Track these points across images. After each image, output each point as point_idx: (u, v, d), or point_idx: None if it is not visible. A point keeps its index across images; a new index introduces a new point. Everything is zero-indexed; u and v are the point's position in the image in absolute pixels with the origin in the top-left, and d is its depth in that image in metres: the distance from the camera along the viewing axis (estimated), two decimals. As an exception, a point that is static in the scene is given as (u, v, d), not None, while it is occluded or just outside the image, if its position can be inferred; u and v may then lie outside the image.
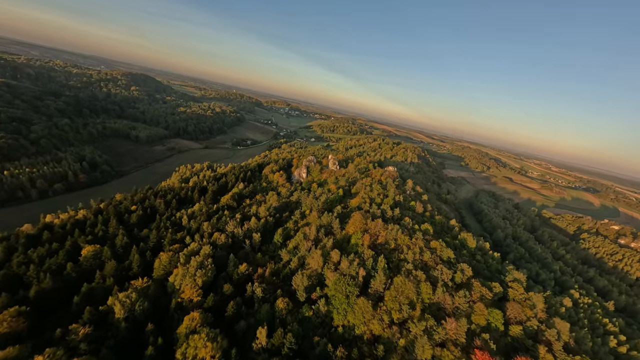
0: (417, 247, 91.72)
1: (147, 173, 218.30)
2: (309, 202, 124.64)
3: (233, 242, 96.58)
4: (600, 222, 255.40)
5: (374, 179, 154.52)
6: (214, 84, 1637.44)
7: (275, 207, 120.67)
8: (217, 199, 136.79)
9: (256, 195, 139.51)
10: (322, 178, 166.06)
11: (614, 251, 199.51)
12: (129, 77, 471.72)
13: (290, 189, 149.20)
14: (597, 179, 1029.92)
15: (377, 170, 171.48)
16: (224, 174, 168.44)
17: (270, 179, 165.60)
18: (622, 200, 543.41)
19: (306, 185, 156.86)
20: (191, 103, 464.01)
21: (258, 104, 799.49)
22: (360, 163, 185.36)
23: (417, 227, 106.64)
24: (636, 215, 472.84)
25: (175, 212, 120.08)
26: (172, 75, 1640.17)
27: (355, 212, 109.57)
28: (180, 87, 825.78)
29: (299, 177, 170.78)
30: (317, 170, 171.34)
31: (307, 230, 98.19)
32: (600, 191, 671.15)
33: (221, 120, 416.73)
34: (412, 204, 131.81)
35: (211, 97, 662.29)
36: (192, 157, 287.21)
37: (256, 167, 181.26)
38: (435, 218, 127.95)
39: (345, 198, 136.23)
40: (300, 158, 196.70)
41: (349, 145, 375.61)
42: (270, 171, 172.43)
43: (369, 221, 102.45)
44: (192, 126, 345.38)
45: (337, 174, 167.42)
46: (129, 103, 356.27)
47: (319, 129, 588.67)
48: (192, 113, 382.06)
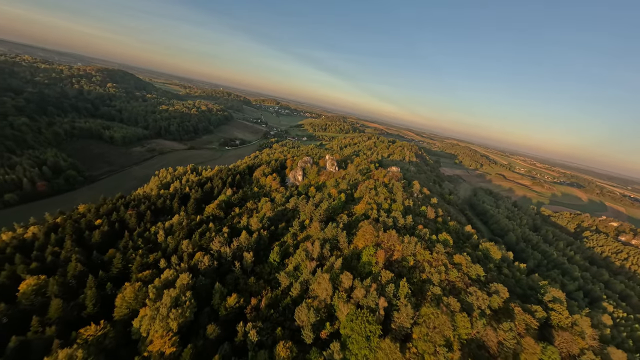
0: (440, 263, 77.72)
1: (123, 178, 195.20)
2: (307, 209, 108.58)
3: (219, 264, 79.26)
4: (599, 219, 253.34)
5: (378, 181, 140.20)
6: (201, 83, 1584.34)
7: (270, 217, 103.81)
8: (201, 208, 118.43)
9: (247, 203, 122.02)
10: (320, 181, 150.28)
11: (618, 249, 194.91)
12: (104, 74, 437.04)
13: (285, 194, 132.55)
14: (578, 173, 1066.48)
15: (380, 171, 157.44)
16: (210, 178, 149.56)
17: (262, 183, 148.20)
18: (607, 194, 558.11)
19: (303, 189, 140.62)
20: (174, 101, 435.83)
21: (246, 103, 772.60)
22: (361, 163, 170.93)
23: (435, 238, 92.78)
24: (621, 209, 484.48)
25: (149, 226, 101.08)
26: (155, 73, 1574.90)
27: (363, 222, 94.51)
28: (163, 85, 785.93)
29: (295, 181, 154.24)
30: (314, 172, 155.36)
31: (309, 247, 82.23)
32: (584, 186, 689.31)
33: (207, 119, 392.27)
34: (422, 209, 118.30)
35: (196, 95, 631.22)
36: (175, 158, 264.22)
37: (246, 170, 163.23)
38: (450, 224, 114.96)
39: (348, 204, 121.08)
40: (295, 159, 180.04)
41: (343, 144, 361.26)
42: (262, 174, 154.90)
43: (381, 232, 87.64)
44: (175, 125, 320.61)
45: (337, 176, 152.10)
46: (104, 101, 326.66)
47: (311, 127, 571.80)
48: (175, 111, 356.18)
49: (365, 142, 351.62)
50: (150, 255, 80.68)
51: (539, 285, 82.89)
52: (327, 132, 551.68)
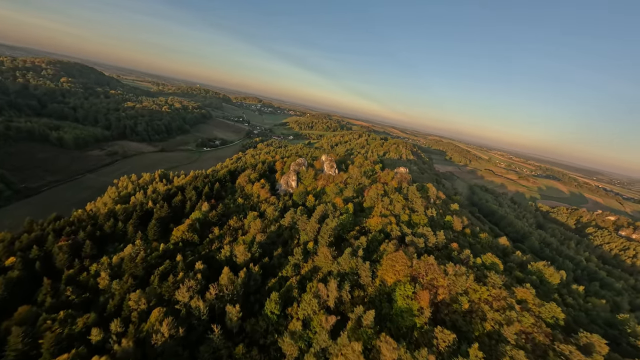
0: (504, 303, 56.39)
1: (71, 189, 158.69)
2: (310, 228, 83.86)
3: (189, 328, 52.57)
4: (596, 214, 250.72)
5: (388, 186, 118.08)
6: (176, 81, 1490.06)
7: (261, 241, 77.66)
8: (169, 230, 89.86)
9: (229, 220, 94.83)
10: (319, 186, 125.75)
11: (625, 246, 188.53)
12: (58, 67, 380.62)
13: (277, 205, 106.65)
14: (549, 166, 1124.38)
15: (387, 173, 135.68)
16: (181, 188, 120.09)
17: (248, 192, 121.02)
18: (584, 186, 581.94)
19: (299, 198, 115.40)
20: (143, 98, 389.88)
21: (226, 100, 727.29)
22: (363, 164, 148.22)
23: (480, 262, 71.74)
24: (599, 200, 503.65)
25: (88, 264, 71.57)
26: (124, 70, 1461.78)
27: (386, 244, 71.50)
28: (132, 82, 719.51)
29: (287, 187, 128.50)
30: (311, 177, 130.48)
31: (322, 289, 57.70)
32: (559, 178, 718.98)
33: (181, 117, 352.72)
34: (447, 220, 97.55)
35: (170, 92, 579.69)
36: (143, 163, 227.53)
37: (227, 176, 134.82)
38: (481, 237, 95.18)
39: (358, 216, 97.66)
40: (285, 160, 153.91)
41: (334, 142, 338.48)
42: (247, 180, 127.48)
43: (415, 260, 65.00)
44: (143, 124, 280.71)
45: (337, 180, 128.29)
46: (55, 97, 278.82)
47: (297, 125, 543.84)
48: (144, 109, 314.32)
49: (356, 140, 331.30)
50: (78, 320, 52.13)
51: (619, 321, 64.63)
52: (314, 130, 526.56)
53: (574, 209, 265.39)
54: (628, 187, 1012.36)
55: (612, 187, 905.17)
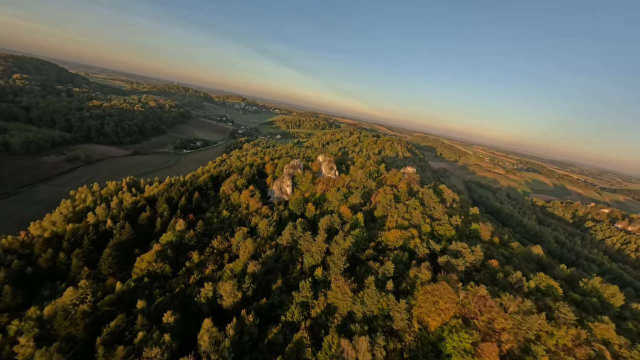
0: (589, 350, 41.92)
1: (16, 204, 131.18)
2: (315, 248, 66.41)
3: None
4: (589, 207, 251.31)
5: (401, 190, 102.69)
6: (153, 79, 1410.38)
7: (255, 273, 59.06)
8: (132, 256, 69.21)
9: (212, 241, 75.32)
10: (318, 191, 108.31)
11: (626, 240, 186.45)
12: (10, 62, 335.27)
13: (272, 218, 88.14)
14: (528, 159, 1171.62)
15: (393, 174, 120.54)
16: (152, 200, 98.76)
17: (234, 202, 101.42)
18: (565, 178, 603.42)
19: (297, 207, 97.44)
20: (112, 96, 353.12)
21: (208, 99, 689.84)
22: (366, 164, 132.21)
23: (534, 286, 57.46)
24: (580, 191, 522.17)
25: (6, 322, 50.23)
26: (95, 69, 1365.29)
27: (419, 270, 55.57)
28: (103, 81, 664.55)
29: (282, 194, 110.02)
30: (308, 181, 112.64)
31: (348, 350, 40.52)
32: (539, 171, 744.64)
33: (157, 116, 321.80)
34: (474, 228, 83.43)
35: (145, 90, 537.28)
36: (111, 169, 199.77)
37: (209, 182, 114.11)
38: (513, 247, 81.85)
39: (371, 229, 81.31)
40: (276, 162, 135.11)
41: (325, 140, 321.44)
42: (233, 187, 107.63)
43: (462, 292, 49.45)
44: (111, 125, 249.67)
45: (339, 184, 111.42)
46: (4, 95, 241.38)
47: (283, 124, 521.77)
48: (112, 108, 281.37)
49: (348, 138, 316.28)
50: None
51: None
52: (301, 128, 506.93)
53: (568, 202, 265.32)
54: (599, 177, 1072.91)
55: (586, 177, 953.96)
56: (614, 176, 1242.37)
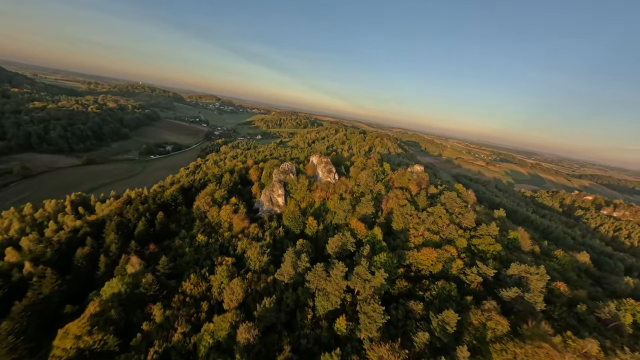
0: None
1: None
2: (332, 287, 47.69)
3: None
4: (574, 194, 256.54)
5: (420, 195, 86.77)
6: (115, 80, 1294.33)
7: (247, 343, 38.75)
8: (58, 319, 45.79)
9: (182, 282, 53.66)
10: (316, 200, 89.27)
11: (617, 226, 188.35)
12: None
13: (263, 241, 67.82)
14: (500, 150, 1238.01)
15: (401, 175, 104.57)
16: (98, 224, 74.30)
17: (213, 220, 79.40)
18: (537, 167, 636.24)
19: (293, 223, 77.73)
20: (61, 97, 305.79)
21: (178, 99, 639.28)
22: (367, 164, 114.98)
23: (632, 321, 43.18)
24: (552, 178, 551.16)
25: None
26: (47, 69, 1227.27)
27: (497, 321, 38.92)
28: (55, 81, 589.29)
29: (272, 206, 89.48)
30: (304, 188, 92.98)
31: None
32: (513, 161, 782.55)
33: (117, 119, 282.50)
34: (513, 237, 69.26)
35: (103, 90, 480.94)
36: (57, 183, 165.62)
37: (178, 195, 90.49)
38: (557, 255, 68.77)
39: (395, 249, 63.98)
40: (262, 166, 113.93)
41: (310, 139, 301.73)
42: (209, 201, 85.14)
43: (568, 356, 33.26)
44: (58, 130, 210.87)
45: (341, 190, 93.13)
46: None
47: (263, 124, 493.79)
48: (60, 110, 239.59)
49: (334, 136, 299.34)
50: None
51: None
52: (283, 127, 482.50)
53: (554, 191, 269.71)
54: (560, 165, 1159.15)
55: (551, 165, 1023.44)
56: (572, 163, 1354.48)
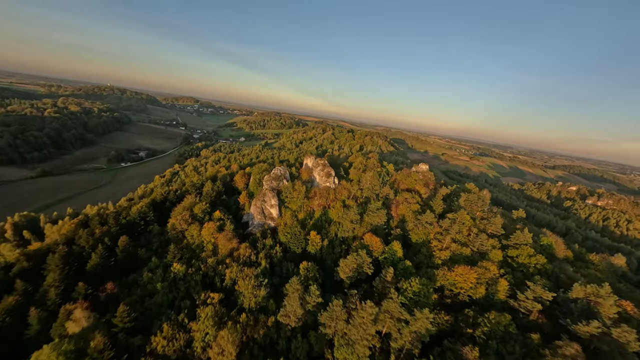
0: None
1: None
2: (356, 333, 35.66)
3: None
4: (559, 185, 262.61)
5: (435, 198, 76.81)
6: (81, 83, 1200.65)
7: None
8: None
9: (152, 337, 39.32)
10: (316, 209, 77.02)
11: (605, 215, 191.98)
12: None
13: (256, 267, 54.56)
14: (478, 145, 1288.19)
15: (406, 175, 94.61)
16: (42, 257, 57.32)
17: (192, 242, 64.79)
18: (515, 160, 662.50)
19: (292, 240, 64.90)
20: (11, 101, 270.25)
21: (152, 102, 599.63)
22: (368, 164, 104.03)
23: None
24: (531, 170, 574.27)
25: None
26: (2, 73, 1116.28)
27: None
28: (9, 85, 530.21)
29: (264, 219, 76.02)
30: (300, 195, 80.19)
31: None
32: (491, 155, 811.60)
33: (81, 123, 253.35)
34: (546, 243, 60.82)
35: (65, 93, 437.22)
36: (3, 201, 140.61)
37: (147, 212, 74.53)
38: (592, 260, 61.23)
39: (418, 267, 53.08)
40: (249, 171, 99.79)
41: (297, 139, 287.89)
42: (188, 217, 70.06)
43: None
44: (6, 138, 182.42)
45: (343, 195, 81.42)
46: None
47: (246, 125, 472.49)
48: (8, 115, 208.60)
49: (322, 135, 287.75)
50: None
51: None
52: (267, 129, 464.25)
53: (540, 183, 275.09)
54: (532, 157, 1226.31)
55: (526, 157, 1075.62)
56: (542, 154, 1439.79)
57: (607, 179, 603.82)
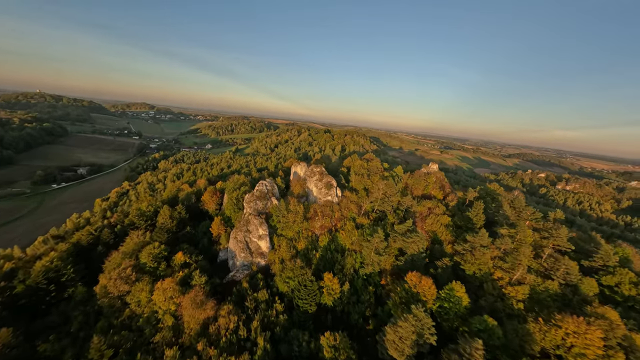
0: None
1: None
2: None
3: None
4: (529, 173, 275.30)
5: (476, 209, 61.21)
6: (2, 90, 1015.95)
7: None
8: None
9: None
10: (320, 235, 57.23)
11: (578, 199, 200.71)
12: None
13: (253, 355, 33.11)
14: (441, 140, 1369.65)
15: (418, 178, 79.14)
16: None
17: (139, 312, 40.60)
18: (478, 151, 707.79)
19: (299, 290, 44.11)
20: None
21: (97, 109, 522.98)
22: (370, 167, 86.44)
23: None
24: (493, 160, 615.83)
25: None
26: None
27: None
28: None
29: (250, 257, 54.08)
30: (298, 217, 59.54)
31: None
32: (456, 148, 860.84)
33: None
34: (622, 255, 48.49)
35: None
36: None
37: (62, 267, 47.89)
38: None
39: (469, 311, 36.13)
40: (221, 187, 76.40)
41: (271, 143, 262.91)
42: (128, 272, 45.28)
43: None
44: None
45: (351, 211, 62.75)
46: None
47: (212, 131, 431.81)
48: None
49: (298, 138, 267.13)
50: None
51: None
52: (236, 133, 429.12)
53: (512, 173, 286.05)
54: (488, 147, 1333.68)
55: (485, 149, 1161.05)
56: (495, 145, 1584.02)
57: (554, 163, 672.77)
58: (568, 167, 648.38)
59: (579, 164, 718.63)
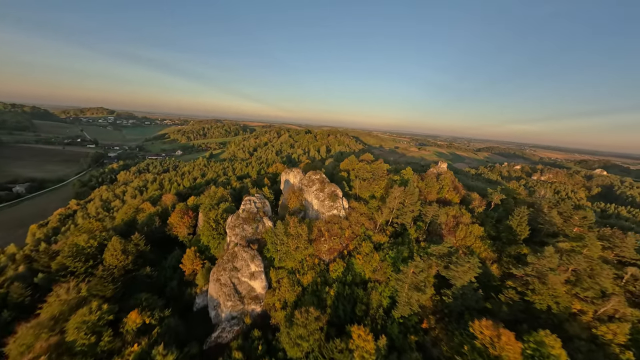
0: None
1: None
2: None
3: None
4: (506, 165, 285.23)
5: (519, 217, 51.89)
6: None
7: None
8: None
9: None
10: (328, 260, 43.95)
11: (556, 189, 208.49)
12: None
13: None
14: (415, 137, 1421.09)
15: (430, 182, 68.89)
16: None
17: None
18: (452, 147, 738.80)
19: (309, 353, 30.45)
20: None
21: (42, 116, 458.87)
22: (376, 171, 74.42)
23: None
24: (467, 155, 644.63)
25: None
26: None
27: None
28: None
29: (240, 304, 39.45)
30: (301, 242, 45.66)
31: None
32: (431, 145, 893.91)
33: None
34: None
35: None
36: None
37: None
38: None
39: None
40: (194, 202, 60.01)
41: (250, 146, 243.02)
42: (52, 350, 28.39)
43: None
44: None
45: (363, 228, 50.30)
46: None
47: (182, 136, 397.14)
48: None
49: (278, 140, 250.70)
50: None
51: None
52: (209, 137, 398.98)
53: (490, 166, 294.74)
54: (458, 143, 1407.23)
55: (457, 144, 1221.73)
56: (462, 140, 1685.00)
57: (518, 155, 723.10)
58: (530, 157, 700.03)
59: (538, 154, 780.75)
